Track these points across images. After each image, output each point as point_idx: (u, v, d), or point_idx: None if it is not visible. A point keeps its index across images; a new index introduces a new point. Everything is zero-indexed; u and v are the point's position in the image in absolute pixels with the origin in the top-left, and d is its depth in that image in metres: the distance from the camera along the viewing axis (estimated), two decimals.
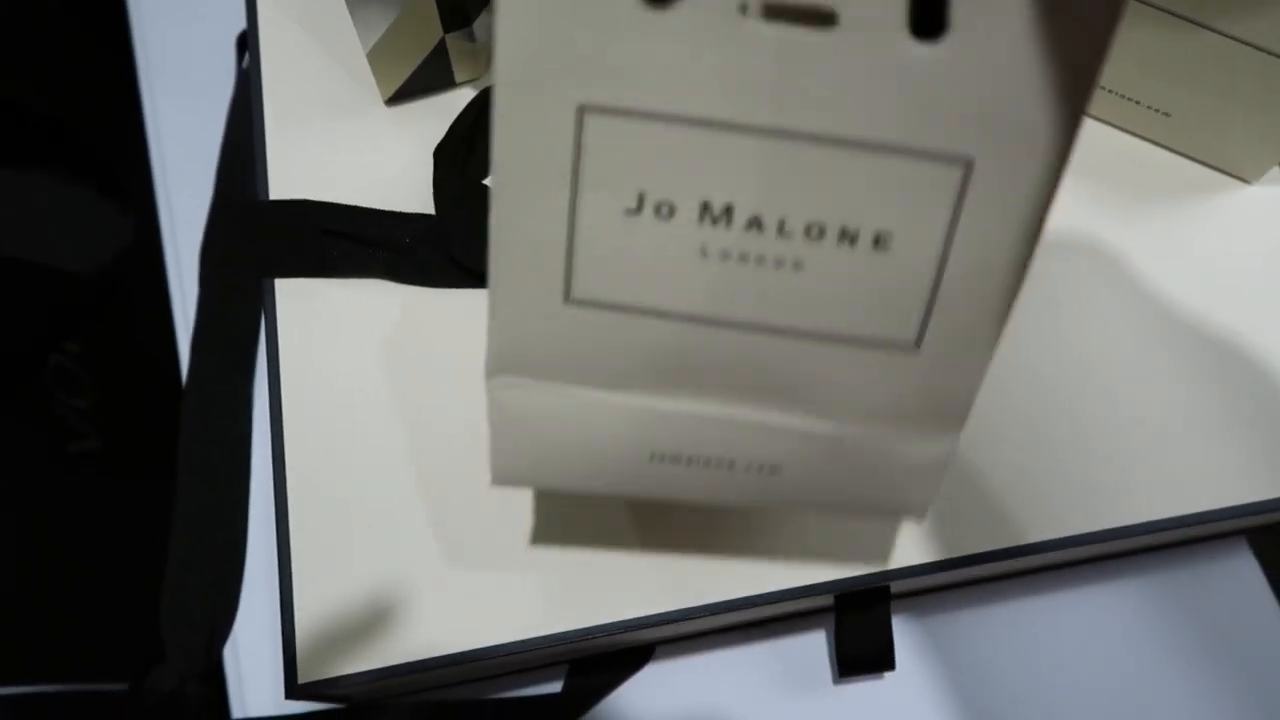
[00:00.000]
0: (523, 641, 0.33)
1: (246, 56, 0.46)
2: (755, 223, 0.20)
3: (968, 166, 0.19)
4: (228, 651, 0.38)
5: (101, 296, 0.52)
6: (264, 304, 0.38)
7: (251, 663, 0.38)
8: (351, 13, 0.36)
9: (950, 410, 0.23)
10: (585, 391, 0.24)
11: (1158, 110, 0.39)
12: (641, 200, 0.20)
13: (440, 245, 0.38)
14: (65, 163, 0.52)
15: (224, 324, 0.43)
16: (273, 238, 0.38)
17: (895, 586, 0.35)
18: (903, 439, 0.23)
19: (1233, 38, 0.34)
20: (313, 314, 0.38)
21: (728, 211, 0.20)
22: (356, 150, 0.40)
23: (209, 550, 0.39)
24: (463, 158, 0.39)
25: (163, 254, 0.47)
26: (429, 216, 0.39)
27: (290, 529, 0.34)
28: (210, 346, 0.43)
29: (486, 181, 0.38)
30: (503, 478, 0.26)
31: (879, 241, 0.20)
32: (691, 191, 0.20)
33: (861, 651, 0.36)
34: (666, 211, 0.20)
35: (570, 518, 0.34)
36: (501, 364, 0.24)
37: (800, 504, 0.25)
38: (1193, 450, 0.36)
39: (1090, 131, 0.41)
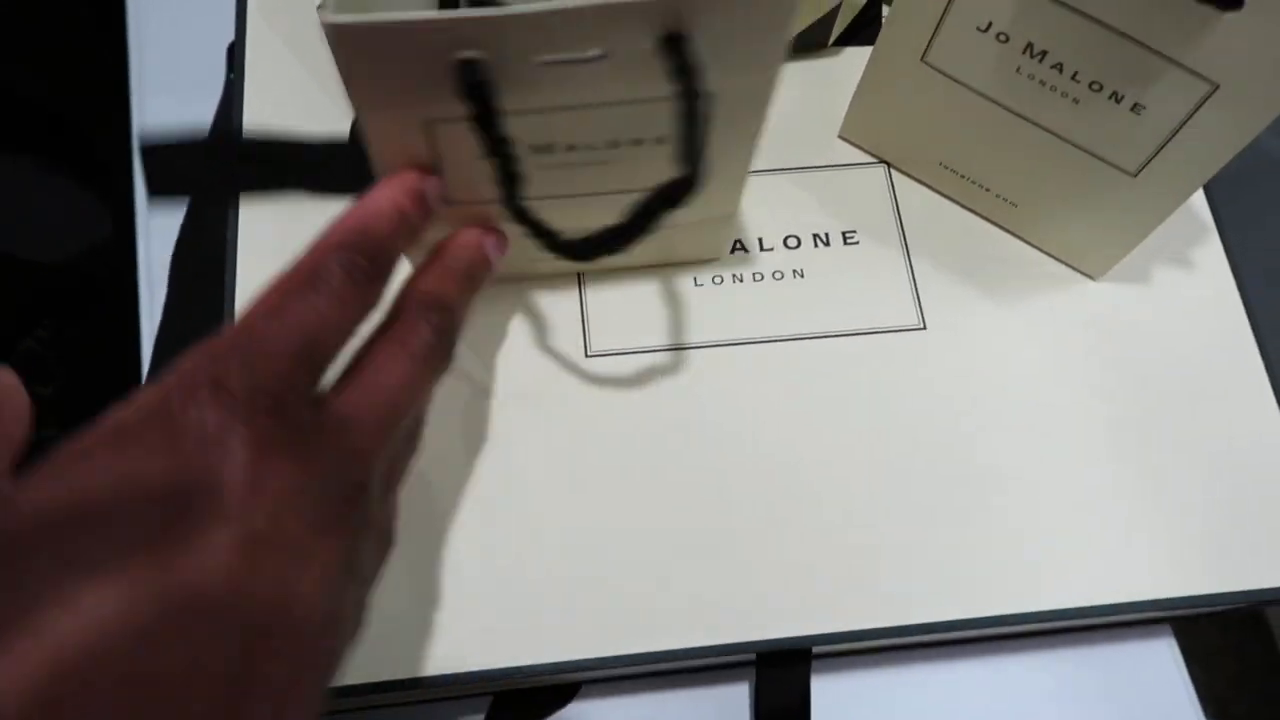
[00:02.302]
0: (443, 676, 0.33)
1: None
2: (571, 148, 0.30)
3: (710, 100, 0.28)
4: None
5: (74, 285, 0.52)
6: (224, 310, 0.39)
7: None
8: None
9: (724, 207, 0.36)
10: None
11: (1005, 200, 0.40)
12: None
13: (349, 161, 0.40)
14: (50, 152, 0.52)
15: (186, 330, 0.43)
16: (191, 166, 0.41)
17: (818, 647, 0.36)
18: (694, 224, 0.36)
19: (1069, 141, 0.35)
20: None
21: (550, 147, 0.30)
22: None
23: None
24: None
25: (135, 251, 0.47)
26: (337, 141, 0.41)
27: None
28: (171, 350, 0.43)
29: None
30: None
31: (659, 140, 0.30)
32: (522, 142, 0.29)
33: (779, 707, 0.37)
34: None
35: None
36: None
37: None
38: (1117, 539, 0.36)
39: (954, 215, 0.41)
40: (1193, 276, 0.41)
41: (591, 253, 0.29)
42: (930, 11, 0.34)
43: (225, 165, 0.41)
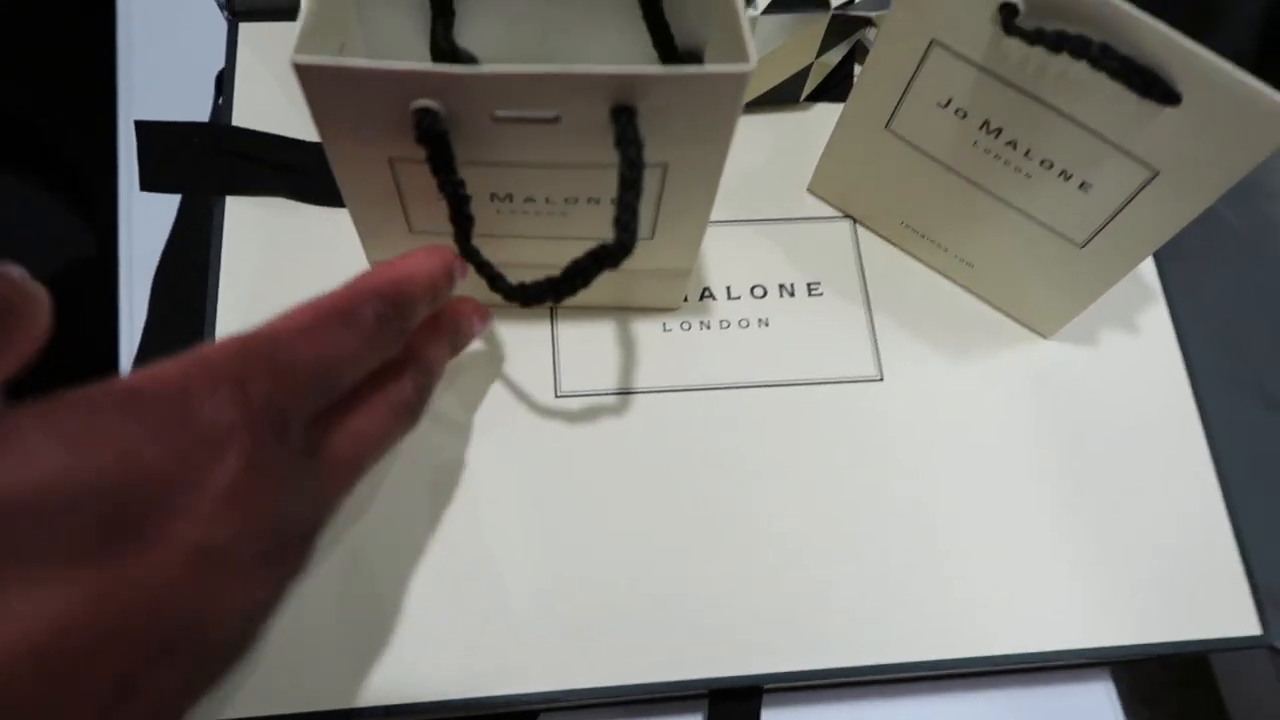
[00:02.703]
0: (401, 705, 0.34)
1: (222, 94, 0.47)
2: (530, 199, 0.32)
3: (665, 168, 0.31)
4: None
5: (53, 302, 0.53)
6: (204, 333, 0.40)
7: None
8: None
9: (679, 263, 0.38)
10: None
11: (962, 260, 0.42)
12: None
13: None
14: (35, 168, 0.53)
15: (165, 353, 0.44)
16: (183, 155, 0.42)
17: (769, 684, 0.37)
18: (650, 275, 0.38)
19: (1021, 211, 0.37)
20: None
21: (509, 197, 0.32)
22: None
23: None
24: None
25: (117, 271, 0.48)
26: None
27: None
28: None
29: None
30: None
31: (615, 201, 0.30)
32: (483, 190, 0.31)
33: None
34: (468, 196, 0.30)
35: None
36: (376, 258, 0.38)
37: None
38: (1059, 589, 0.38)
39: (915, 272, 0.43)
40: (1138, 338, 0.43)
41: (530, 300, 0.31)
42: (894, 85, 0.36)
43: (215, 159, 0.43)
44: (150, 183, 0.43)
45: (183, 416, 0.21)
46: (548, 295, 0.30)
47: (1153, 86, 0.29)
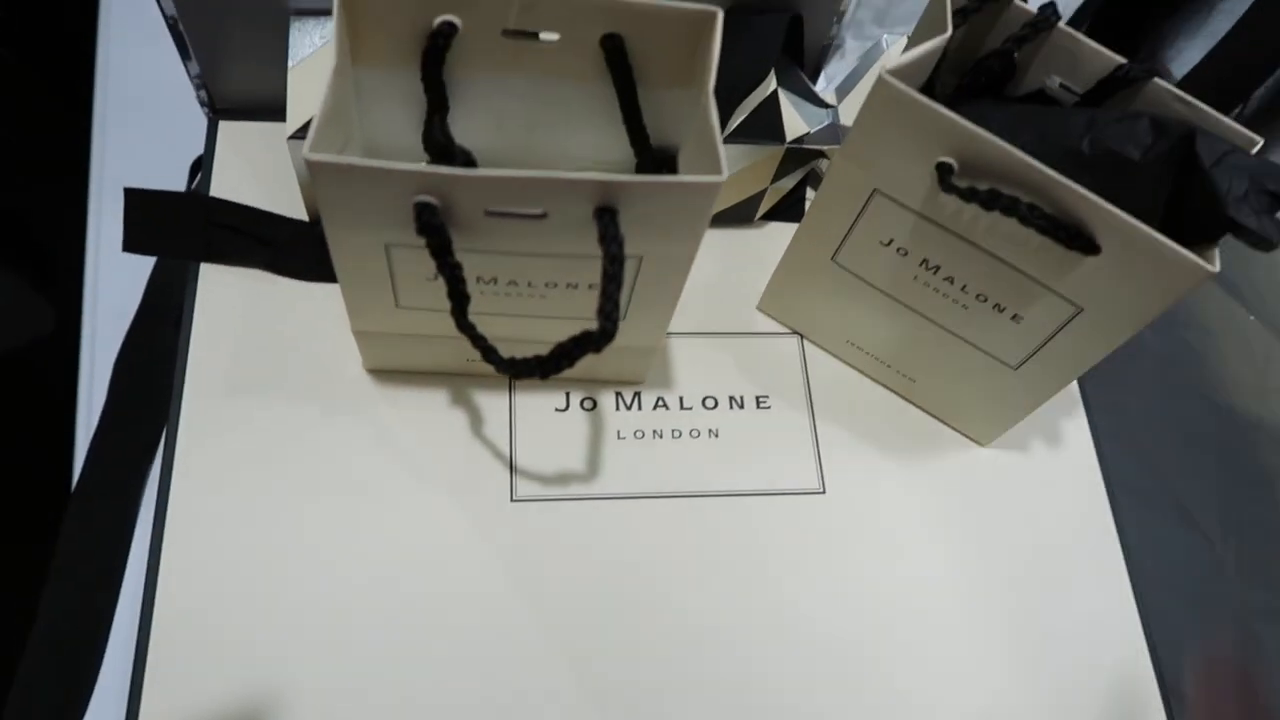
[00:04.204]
0: None
1: (196, 180, 0.48)
2: (513, 283, 0.34)
3: (640, 260, 0.33)
4: None
5: (4, 379, 0.52)
6: (168, 417, 0.41)
7: None
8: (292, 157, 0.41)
9: (647, 341, 0.40)
10: (412, 338, 0.39)
11: (904, 375, 0.44)
12: (436, 274, 0.31)
13: (312, 247, 0.43)
14: (3, 244, 0.53)
15: (127, 429, 0.44)
16: (166, 222, 0.44)
17: None
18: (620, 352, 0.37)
19: (959, 336, 0.40)
20: (213, 434, 0.40)
21: (494, 280, 0.34)
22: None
23: (65, 653, 0.40)
24: None
25: (79, 351, 0.48)
26: (303, 222, 0.45)
27: (149, 656, 0.36)
28: (108, 450, 0.44)
29: None
30: (372, 367, 0.43)
31: (591, 286, 0.34)
32: (470, 274, 0.32)
33: None
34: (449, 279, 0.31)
35: None
36: (361, 327, 0.39)
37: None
38: (980, 685, 0.40)
39: (860, 385, 0.46)
40: (1061, 452, 0.46)
41: (519, 374, 0.33)
42: (840, 225, 0.38)
43: (198, 227, 0.44)
44: (133, 245, 0.44)
45: None
46: (535, 371, 0.32)
47: (1075, 239, 0.32)
